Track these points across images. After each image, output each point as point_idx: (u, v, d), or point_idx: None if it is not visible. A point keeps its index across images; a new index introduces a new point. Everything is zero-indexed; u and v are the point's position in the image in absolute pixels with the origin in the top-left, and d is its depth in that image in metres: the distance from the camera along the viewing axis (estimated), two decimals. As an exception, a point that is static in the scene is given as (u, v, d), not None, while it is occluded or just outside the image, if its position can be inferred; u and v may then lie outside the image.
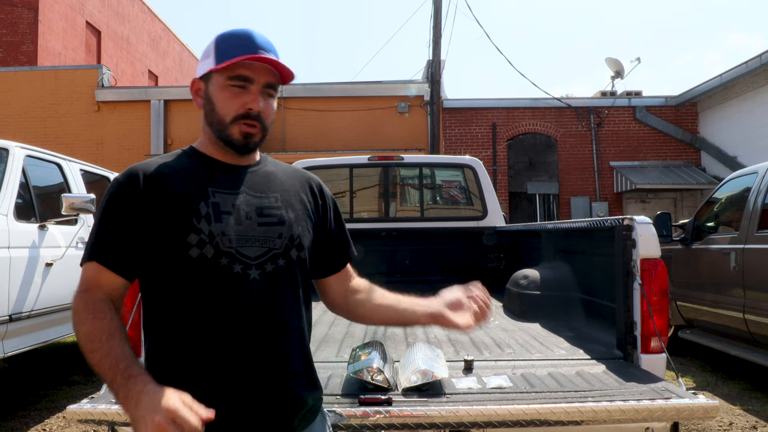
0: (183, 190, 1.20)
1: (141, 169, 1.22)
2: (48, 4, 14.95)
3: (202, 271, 1.16)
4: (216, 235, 1.16)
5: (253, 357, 1.17)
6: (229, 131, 1.23)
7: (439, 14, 11.60)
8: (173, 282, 1.17)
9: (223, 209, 1.20)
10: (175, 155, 1.29)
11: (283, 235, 1.25)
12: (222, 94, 1.23)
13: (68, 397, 4.41)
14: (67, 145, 11.13)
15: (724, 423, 3.77)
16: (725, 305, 4.64)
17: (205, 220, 1.17)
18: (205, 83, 1.27)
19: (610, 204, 12.51)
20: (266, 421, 1.18)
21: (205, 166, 1.26)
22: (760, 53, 9.95)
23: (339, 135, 12.38)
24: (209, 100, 1.25)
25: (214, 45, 1.25)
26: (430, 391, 1.90)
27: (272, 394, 1.18)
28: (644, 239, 2.26)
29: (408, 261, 4.80)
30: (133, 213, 1.18)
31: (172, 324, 1.18)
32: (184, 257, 1.15)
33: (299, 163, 4.98)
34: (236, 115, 1.22)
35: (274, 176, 1.33)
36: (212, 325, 1.15)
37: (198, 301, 1.16)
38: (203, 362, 1.15)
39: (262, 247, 1.21)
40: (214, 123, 1.25)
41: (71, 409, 1.81)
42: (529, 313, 3.23)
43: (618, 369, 2.15)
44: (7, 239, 3.61)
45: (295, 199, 1.33)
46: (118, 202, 1.19)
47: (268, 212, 1.25)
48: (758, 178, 4.60)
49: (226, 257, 1.17)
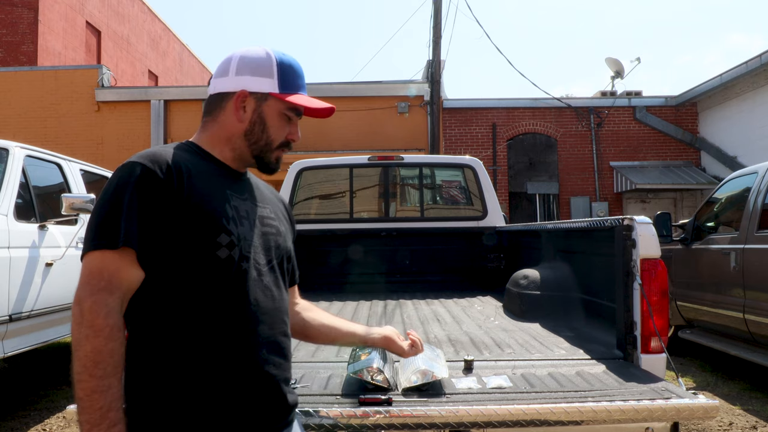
0: (208, 189, 1.18)
1: (165, 158, 1.14)
2: (48, 4, 14.95)
3: (228, 273, 1.15)
4: (241, 238, 1.18)
5: (267, 360, 1.19)
6: (271, 155, 1.31)
7: (439, 14, 11.60)
8: (193, 281, 1.12)
9: (242, 214, 1.22)
10: (182, 150, 1.23)
11: (280, 246, 1.30)
12: (278, 120, 1.29)
13: (68, 397, 4.41)
14: (67, 145, 11.13)
15: (724, 423, 3.78)
16: (725, 305, 4.64)
17: (233, 222, 1.18)
18: (257, 101, 1.27)
19: (610, 204, 12.51)
20: (270, 419, 1.21)
21: (219, 168, 1.27)
22: (760, 53, 9.95)
23: (339, 135, 12.38)
24: (261, 119, 1.28)
25: (277, 68, 1.28)
26: (430, 391, 1.89)
27: (278, 394, 1.22)
28: (644, 239, 2.26)
29: (408, 261, 4.80)
30: (162, 202, 1.09)
31: (184, 324, 1.12)
32: (211, 257, 1.13)
33: (299, 163, 4.99)
34: (282, 142, 1.30)
35: (258, 188, 1.36)
36: (234, 327, 1.15)
37: (222, 303, 1.14)
38: (220, 364, 1.13)
39: (266, 255, 1.25)
40: (259, 143, 1.29)
41: (71, 409, 1.80)
42: (529, 313, 3.23)
43: (618, 369, 2.15)
44: (7, 239, 3.61)
45: (280, 212, 1.40)
46: (150, 191, 1.09)
47: (267, 222, 1.29)
48: (758, 178, 4.60)
49: (246, 261, 1.18)
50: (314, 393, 1.91)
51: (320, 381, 2.04)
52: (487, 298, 4.06)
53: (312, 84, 12.57)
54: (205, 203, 1.15)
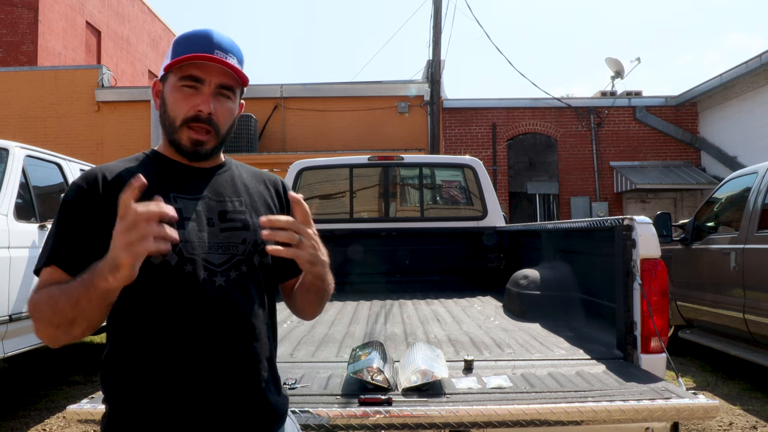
0: (144, 195, 1.14)
1: (101, 172, 1.17)
2: (48, 4, 14.95)
3: (165, 278, 1.12)
4: (179, 241, 1.11)
5: (224, 366, 1.13)
6: (178, 135, 1.19)
7: (439, 14, 11.60)
8: (136, 288, 1.10)
9: (185, 215, 1.16)
10: (136, 159, 1.25)
11: (246, 240, 1.21)
12: (174, 95, 1.18)
13: (68, 397, 4.41)
14: (67, 145, 11.13)
15: (724, 423, 3.77)
16: (725, 305, 4.64)
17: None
18: (163, 85, 1.23)
19: (610, 204, 12.51)
20: (236, 427, 1.15)
21: (167, 171, 1.22)
22: (760, 53, 9.94)
23: (339, 135, 12.38)
24: (164, 101, 1.21)
25: (172, 46, 1.22)
26: (430, 391, 1.89)
27: (248, 403, 1.16)
28: (644, 239, 2.26)
29: (408, 261, 4.80)
30: (91, 217, 1.12)
31: (137, 330, 1.13)
32: (146, 264, 1.08)
33: (299, 163, 4.99)
34: (186, 118, 1.18)
35: (238, 179, 1.29)
36: (180, 333, 1.11)
37: (163, 308, 1.13)
38: (172, 371, 1.11)
39: (225, 253, 1.18)
40: (166, 125, 1.21)
41: (71, 409, 1.81)
42: (529, 313, 3.23)
43: (618, 369, 2.15)
44: (7, 239, 3.61)
45: (260, 202, 1.29)
46: (77, 206, 1.14)
47: (231, 216, 1.22)
48: (758, 178, 4.60)
49: (191, 264, 1.13)
50: (314, 393, 1.91)
51: (320, 381, 2.04)
52: (487, 298, 4.06)
53: (312, 84, 12.59)
54: None
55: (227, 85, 1.20)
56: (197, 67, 1.16)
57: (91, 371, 5.12)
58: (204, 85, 1.17)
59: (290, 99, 12.35)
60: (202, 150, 1.20)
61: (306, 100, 12.48)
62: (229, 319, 1.15)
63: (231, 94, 1.22)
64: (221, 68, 1.18)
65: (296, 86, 12.41)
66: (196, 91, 1.17)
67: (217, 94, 1.19)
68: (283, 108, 12.32)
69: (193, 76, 1.17)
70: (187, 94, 1.18)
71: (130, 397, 1.13)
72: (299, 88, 12.42)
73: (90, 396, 1.93)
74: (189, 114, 1.17)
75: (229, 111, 1.22)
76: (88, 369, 5.19)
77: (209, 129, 1.19)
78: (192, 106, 1.17)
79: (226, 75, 1.19)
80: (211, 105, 1.17)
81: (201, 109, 1.17)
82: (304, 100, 12.48)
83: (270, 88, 12.28)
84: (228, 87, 1.20)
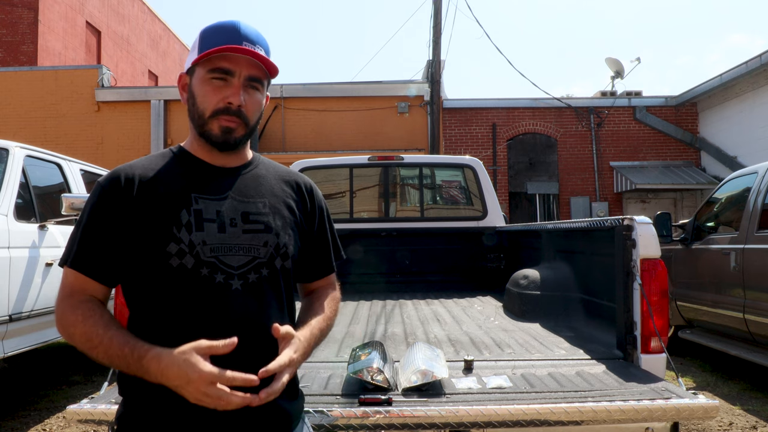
0: (165, 197, 1.16)
1: (124, 173, 1.18)
2: (48, 4, 14.95)
3: (182, 282, 1.12)
4: (196, 244, 1.13)
5: (238, 371, 1.11)
6: (209, 126, 1.19)
7: (439, 14, 11.60)
8: (154, 291, 1.14)
9: (206, 216, 1.16)
10: (161, 156, 1.25)
11: (268, 243, 1.20)
12: (203, 87, 1.18)
13: (68, 397, 4.41)
14: (67, 145, 11.13)
15: (724, 423, 3.77)
16: (725, 305, 4.64)
17: (186, 229, 1.13)
18: (190, 78, 1.22)
19: (610, 204, 12.51)
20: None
21: (191, 170, 1.22)
22: (760, 53, 9.95)
23: (339, 135, 12.38)
24: (192, 94, 1.21)
25: (199, 38, 1.21)
26: (430, 391, 1.89)
27: (260, 409, 1.12)
28: (644, 239, 2.26)
29: (408, 261, 4.80)
30: (114, 220, 1.14)
31: (153, 332, 1.12)
32: (164, 267, 1.12)
33: (299, 163, 4.98)
34: (216, 110, 1.17)
35: (264, 179, 1.28)
36: (194, 337, 1.08)
37: (179, 311, 1.13)
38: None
39: (246, 255, 1.17)
40: (195, 118, 1.21)
41: (71, 409, 1.81)
42: (529, 313, 3.23)
43: (618, 369, 2.15)
44: (7, 239, 3.61)
45: (284, 204, 1.27)
46: (100, 209, 1.15)
47: (254, 218, 1.20)
48: (758, 178, 4.60)
49: (207, 267, 1.13)
50: (314, 393, 1.91)
51: (320, 381, 2.04)
52: (487, 298, 4.06)
53: (312, 84, 12.59)
54: (156, 212, 1.14)
55: (256, 77, 1.21)
56: (226, 59, 1.17)
57: (91, 371, 5.12)
58: (234, 78, 1.18)
59: (290, 99, 12.35)
60: (231, 138, 1.20)
61: (306, 100, 12.48)
62: (243, 323, 1.14)
63: (260, 86, 1.23)
64: (250, 60, 1.19)
65: (296, 86, 12.40)
66: (225, 83, 1.18)
67: (247, 86, 1.20)
68: (283, 108, 12.31)
69: (222, 68, 1.17)
70: (216, 86, 1.18)
71: (146, 399, 1.13)
72: (299, 88, 12.42)
73: (90, 396, 1.93)
74: (219, 106, 1.18)
75: (258, 103, 1.24)
76: (88, 369, 5.19)
77: (237, 119, 1.19)
78: (222, 98, 1.17)
79: (255, 67, 1.20)
80: (241, 97, 1.18)
81: (231, 101, 1.17)
82: (304, 100, 12.47)
83: (270, 88, 12.18)
84: (257, 79, 1.21)
